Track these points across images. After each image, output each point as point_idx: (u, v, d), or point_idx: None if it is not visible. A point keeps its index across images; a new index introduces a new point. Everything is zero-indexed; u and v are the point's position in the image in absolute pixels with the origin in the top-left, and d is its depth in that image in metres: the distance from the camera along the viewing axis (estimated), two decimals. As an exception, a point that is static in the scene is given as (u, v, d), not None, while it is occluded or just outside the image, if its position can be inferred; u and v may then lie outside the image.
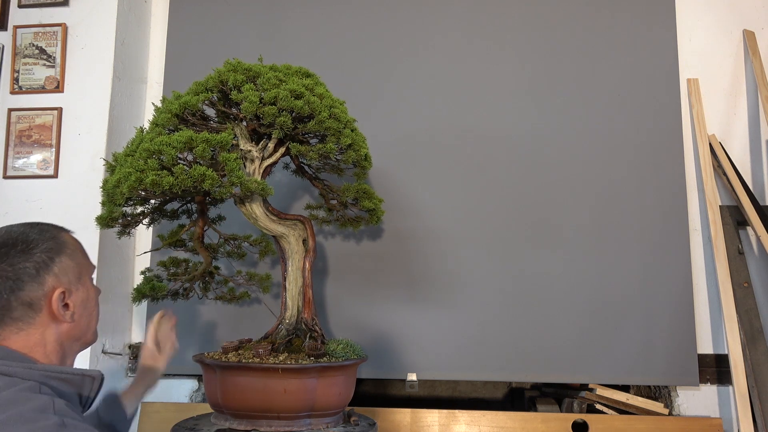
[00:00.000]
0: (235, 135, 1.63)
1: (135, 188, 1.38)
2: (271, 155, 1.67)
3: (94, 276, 1.24)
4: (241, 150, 1.63)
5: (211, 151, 1.47)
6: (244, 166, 1.63)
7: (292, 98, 1.55)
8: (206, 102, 1.62)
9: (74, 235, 1.19)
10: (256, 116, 1.57)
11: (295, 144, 1.67)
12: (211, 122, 1.68)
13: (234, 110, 1.65)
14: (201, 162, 1.44)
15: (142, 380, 1.48)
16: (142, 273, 1.76)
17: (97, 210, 1.84)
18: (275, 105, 1.54)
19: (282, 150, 1.69)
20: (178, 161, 1.42)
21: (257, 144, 1.67)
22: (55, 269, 1.08)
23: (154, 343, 1.54)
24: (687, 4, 2.45)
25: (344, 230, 2.32)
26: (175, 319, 1.60)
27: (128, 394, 1.44)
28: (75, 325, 1.12)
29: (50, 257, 1.08)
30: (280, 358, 1.57)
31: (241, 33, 2.51)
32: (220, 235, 1.78)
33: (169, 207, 1.81)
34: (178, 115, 1.58)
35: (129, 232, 1.67)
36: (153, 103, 1.73)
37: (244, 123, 1.66)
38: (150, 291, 1.66)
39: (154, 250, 1.81)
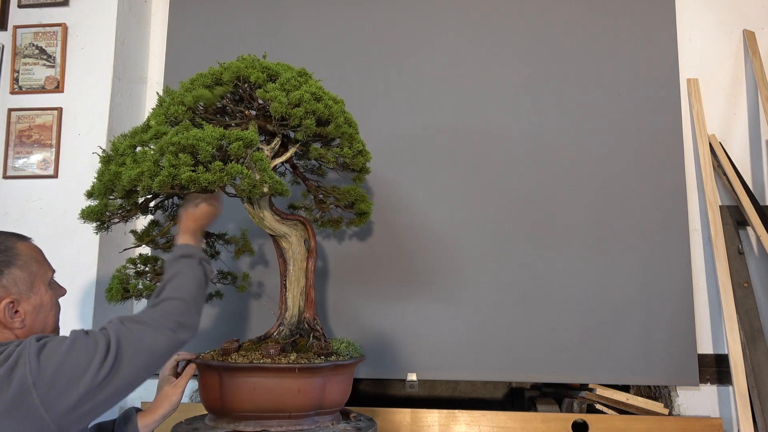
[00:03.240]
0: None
1: (167, 183, 1.34)
2: (277, 155, 1.67)
3: (66, 277, 1.38)
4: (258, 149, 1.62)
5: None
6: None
7: (314, 101, 1.56)
8: (224, 97, 1.59)
9: (33, 243, 1.31)
10: (282, 117, 1.55)
11: (315, 147, 1.68)
12: (222, 117, 1.66)
13: (243, 106, 1.64)
14: (233, 159, 1.41)
15: (158, 408, 1.47)
16: (118, 271, 1.69)
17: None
18: (300, 106, 1.54)
19: (292, 150, 1.69)
20: (215, 158, 1.39)
21: (266, 143, 1.66)
22: (4, 281, 1.20)
23: (172, 373, 1.54)
24: (687, 4, 2.46)
25: (345, 230, 2.32)
26: (194, 367, 1.58)
27: (145, 418, 1.43)
28: (28, 330, 1.24)
29: None
30: (291, 358, 1.57)
31: (241, 33, 2.52)
32: (205, 233, 1.76)
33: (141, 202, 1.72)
34: (191, 108, 1.55)
35: (108, 228, 1.61)
36: (158, 93, 1.71)
37: (254, 121, 1.65)
38: (123, 291, 1.61)
39: (135, 246, 1.75)
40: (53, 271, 1.34)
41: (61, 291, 1.36)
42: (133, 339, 1.19)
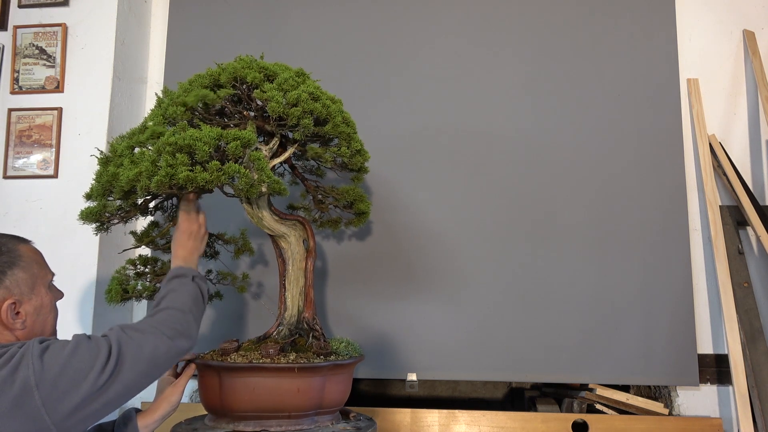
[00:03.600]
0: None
1: (165, 183, 1.34)
2: (276, 155, 1.67)
3: (57, 281, 1.36)
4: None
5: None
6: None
7: (311, 100, 1.56)
8: (226, 98, 1.59)
9: (33, 245, 1.31)
10: (280, 117, 1.55)
11: (312, 146, 1.68)
12: (221, 118, 1.66)
13: (241, 107, 1.64)
14: (231, 159, 1.41)
15: (157, 408, 1.46)
16: (118, 272, 1.68)
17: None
18: (297, 106, 1.54)
19: (291, 150, 1.69)
20: (212, 158, 1.39)
21: (264, 143, 1.66)
22: (7, 282, 1.20)
23: (171, 373, 1.54)
24: (687, 4, 2.45)
25: (344, 229, 2.32)
26: (193, 367, 1.58)
27: (145, 418, 1.42)
28: (28, 331, 1.24)
29: (2, 270, 1.20)
30: (291, 357, 1.57)
31: (241, 33, 2.52)
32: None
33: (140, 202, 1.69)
34: (191, 108, 1.55)
35: (108, 229, 1.60)
36: (156, 93, 1.71)
37: (252, 121, 1.65)
38: (122, 292, 1.60)
39: (135, 247, 1.75)
40: (53, 274, 1.35)
41: (59, 294, 1.36)
42: (134, 346, 1.20)
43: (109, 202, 1.52)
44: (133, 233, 1.75)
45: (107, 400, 1.14)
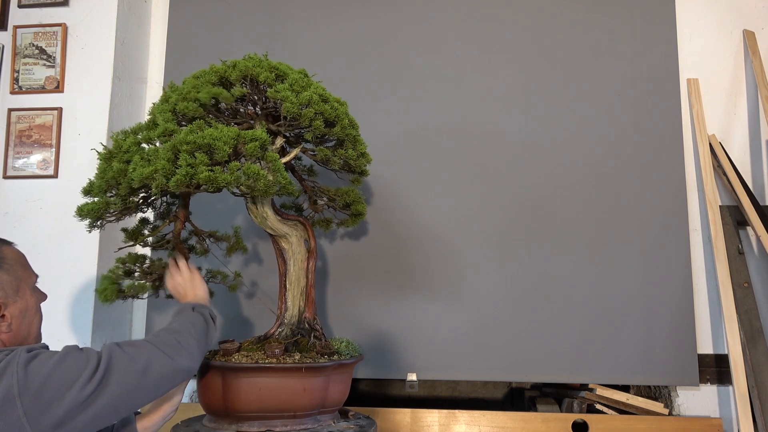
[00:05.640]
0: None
1: (184, 183, 1.32)
2: (281, 155, 1.67)
3: (40, 283, 1.33)
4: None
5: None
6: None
7: (321, 102, 1.56)
8: (238, 96, 1.58)
9: (16, 248, 1.29)
10: (293, 117, 1.55)
11: (322, 148, 1.68)
12: (219, 115, 1.66)
13: (244, 105, 1.64)
14: (247, 159, 1.40)
15: (158, 410, 1.43)
16: (111, 271, 1.65)
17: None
18: (309, 107, 1.54)
19: (297, 150, 1.69)
20: (230, 158, 1.37)
21: (270, 144, 1.66)
22: None
23: None
24: (687, 4, 2.45)
25: (344, 229, 2.32)
26: None
27: (144, 421, 1.40)
28: (14, 334, 1.22)
29: None
30: (296, 357, 1.57)
31: (241, 33, 2.51)
32: (196, 231, 1.74)
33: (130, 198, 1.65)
34: (204, 105, 1.54)
35: (102, 226, 1.58)
36: (163, 88, 1.70)
37: (262, 121, 1.64)
38: (117, 291, 1.59)
39: (131, 245, 1.72)
40: (37, 276, 1.32)
41: (43, 297, 1.34)
42: (126, 359, 1.16)
43: (109, 199, 1.51)
44: (125, 230, 1.73)
45: (94, 413, 1.09)
